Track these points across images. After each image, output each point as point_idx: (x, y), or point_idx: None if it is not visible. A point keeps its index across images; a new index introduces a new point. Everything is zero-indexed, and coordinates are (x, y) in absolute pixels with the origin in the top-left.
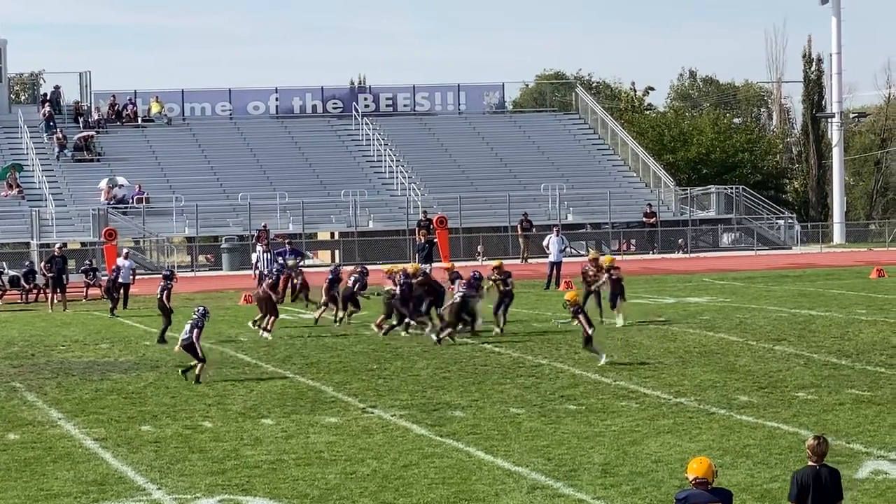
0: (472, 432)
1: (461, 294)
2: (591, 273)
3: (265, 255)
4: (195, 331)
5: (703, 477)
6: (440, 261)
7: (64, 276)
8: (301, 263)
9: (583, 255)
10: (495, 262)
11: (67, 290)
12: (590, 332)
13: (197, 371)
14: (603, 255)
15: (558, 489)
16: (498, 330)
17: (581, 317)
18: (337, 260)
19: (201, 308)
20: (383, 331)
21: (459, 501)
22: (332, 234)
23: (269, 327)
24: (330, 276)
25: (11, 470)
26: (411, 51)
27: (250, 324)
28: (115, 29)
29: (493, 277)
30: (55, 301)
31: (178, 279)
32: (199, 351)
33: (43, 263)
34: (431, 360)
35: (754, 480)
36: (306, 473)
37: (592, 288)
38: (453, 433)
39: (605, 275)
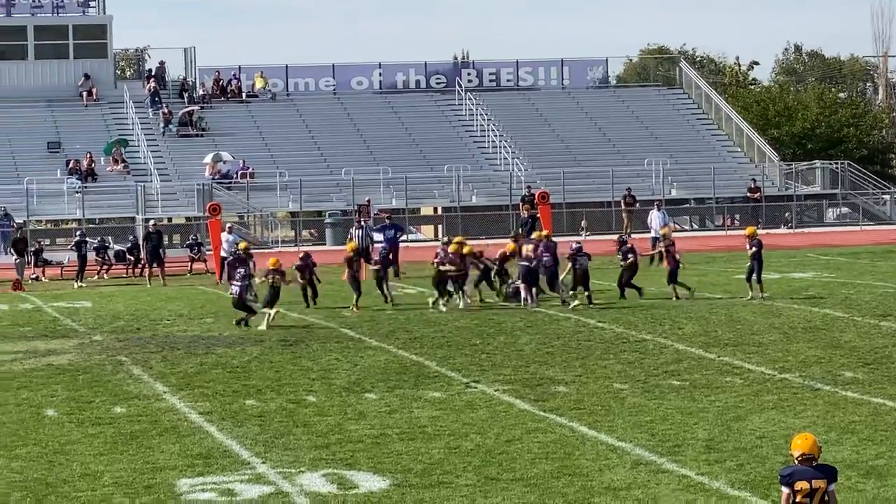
0: (575, 407)
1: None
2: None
3: (358, 231)
4: (237, 288)
5: (809, 453)
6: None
7: (161, 251)
8: (402, 239)
9: (686, 231)
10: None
11: (167, 264)
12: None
13: (249, 319)
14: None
15: (662, 465)
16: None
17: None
18: (441, 235)
19: (242, 270)
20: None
21: (563, 476)
22: (435, 210)
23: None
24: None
25: (118, 443)
26: (514, 25)
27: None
28: (219, 4)
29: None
30: (153, 276)
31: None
32: (248, 305)
33: (142, 240)
34: (535, 335)
35: (860, 457)
36: (410, 448)
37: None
38: (557, 408)
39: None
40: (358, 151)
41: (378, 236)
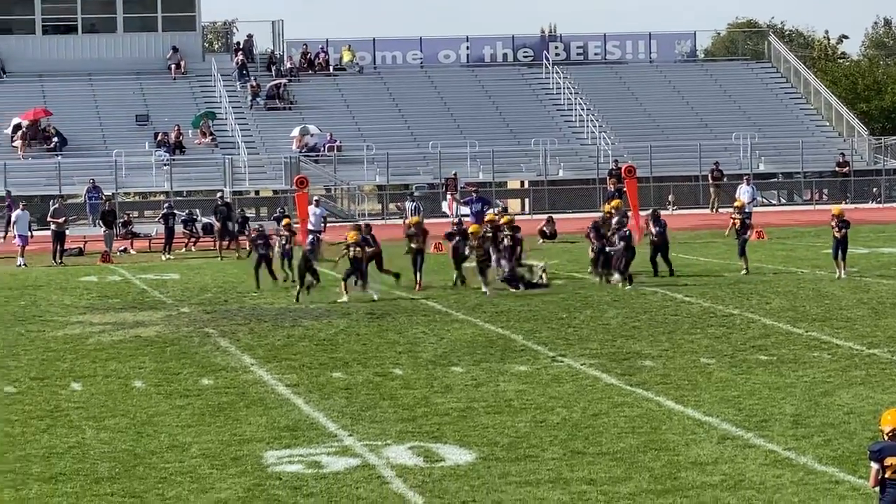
0: (661, 382)
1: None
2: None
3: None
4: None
5: None
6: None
7: (230, 224)
8: (488, 211)
9: (773, 205)
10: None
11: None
12: None
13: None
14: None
15: (749, 440)
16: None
17: None
18: (527, 209)
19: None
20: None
21: (649, 451)
22: (522, 183)
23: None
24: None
25: (206, 415)
26: None
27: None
28: None
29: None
30: (223, 249)
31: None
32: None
33: (212, 214)
34: (621, 309)
35: None
36: (496, 421)
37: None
38: (643, 382)
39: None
40: (445, 125)
41: (465, 210)
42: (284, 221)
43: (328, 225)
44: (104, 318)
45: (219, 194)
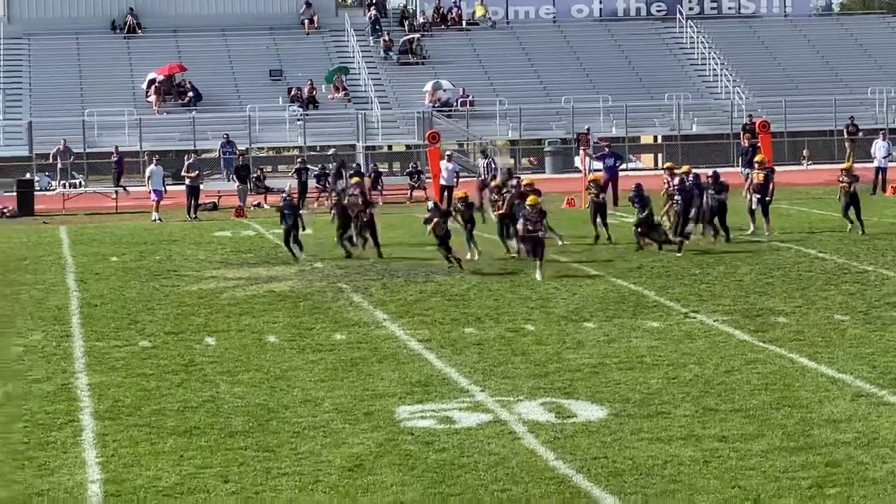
0: (795, 339)
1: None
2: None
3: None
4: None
5: None
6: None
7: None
8: (621, 167)
9: None
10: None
11: (387, 192)
12: None
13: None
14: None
15: (883, 397)
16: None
17: None
18: (660, 164)
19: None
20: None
21: (782, 408)
22: (655, 138)
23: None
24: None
25: (338, 370)
26: None
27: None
28: None
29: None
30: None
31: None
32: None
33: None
34: (754, 265)
35: None
36: (628, 377)
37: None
38: (776, 339)
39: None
40: (578, 79)
41: (598, 165)
42: (354, 179)
43: (460, 180)
44: (238, 273)
45: (298, 159)
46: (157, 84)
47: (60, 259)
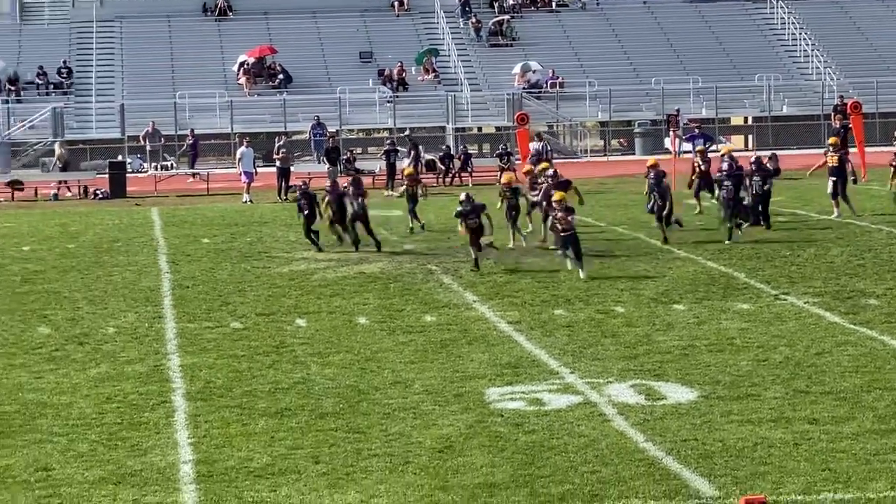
0: (886, 321)
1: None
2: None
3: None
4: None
5: None
6: (854, 147)
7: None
8: (710, 148)
9: None
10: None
11: (477, 173)
12: None
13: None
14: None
15: None
16: None
17: None
18: (750, 145)
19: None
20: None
21: (873, 390)
22: (745, 119)
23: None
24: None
25: (428, 351)
26: None
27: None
28: None
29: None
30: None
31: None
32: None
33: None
34: (846, 247)
35: None
36: (718, 360)
37: None
38: (867, 321)
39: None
40: (667, 60)
41: (687, 146)
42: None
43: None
44: (328, 255)
45: (388, 141)
46: (247, 66)
47: (152, 241)
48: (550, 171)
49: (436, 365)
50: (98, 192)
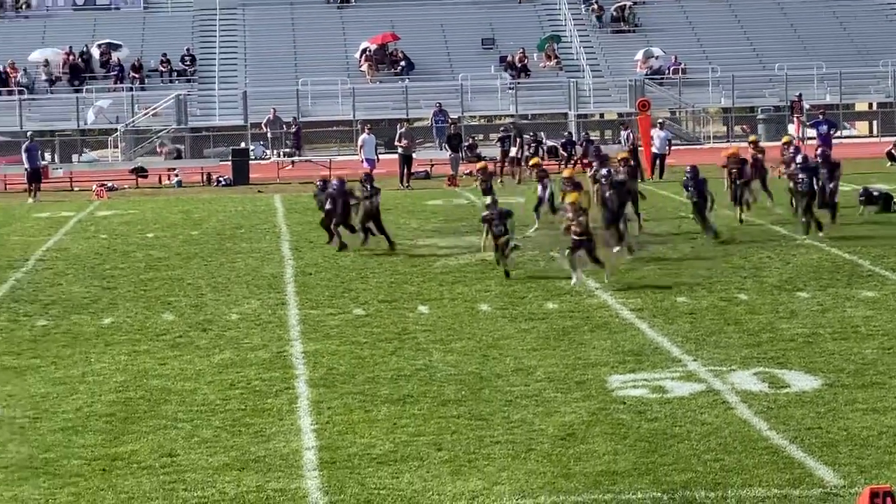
0: None
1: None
2: None
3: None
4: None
5: None
6: None
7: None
8: (835, 134)
9: None
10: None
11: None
12: None
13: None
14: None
15: None
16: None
17: None
18: (875, 131)
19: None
20: None
21: None
22: (870, 105)
23: None
24: None
25: (550, 339)
26: None
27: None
28: None
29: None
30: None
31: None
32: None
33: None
34: None
35: None
36: (842, 348)
37: None
38: None
39: None
40: (791, 46)
41: (811, 132)
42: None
43: (672, 148)
44: (450, 242)
45: (501, 128)
46: (369, 53)
47: (275, 227)
48: (605, 172)
49: (558, 352)
50: (221, 179)
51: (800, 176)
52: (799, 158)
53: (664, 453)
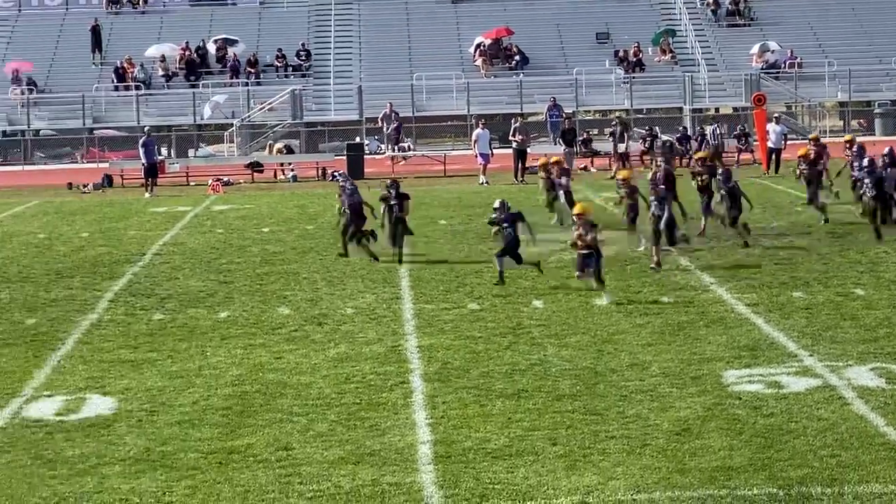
0: None
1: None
2: None
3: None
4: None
5: None
6: None
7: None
8: None
9: None
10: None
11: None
12: None
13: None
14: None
15: None
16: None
17: None
18: None
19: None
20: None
21: None
22: None
23: None
24: None
25: (665, 333)
26: None
27: None
28: None
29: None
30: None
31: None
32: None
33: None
34: None
35: None
36: None
37: None
38: None
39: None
40: None
41: None
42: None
43: (788, 142)
44: (564, 236)
45: (613, 122)
46: (484, 48)
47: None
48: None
49: (673, 347)
50: (336, 173)
51: (866, 181)
52: (865, 163)
53: (780, 449)
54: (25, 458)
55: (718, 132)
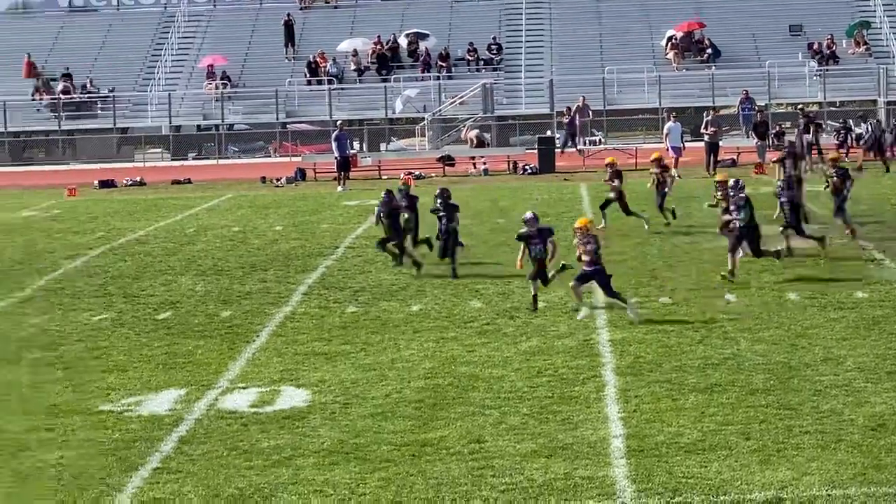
0: None
1: None
2: None
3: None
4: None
5: None
6: None
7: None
8: None
9: None
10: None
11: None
12: None
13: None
14: None
15: None
16: None
17: None
18: None
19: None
20: None
21: None
22: None
23: None
24: None
25: (860, 328)
26: None
27: None
28: None
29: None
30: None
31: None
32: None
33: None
34: None
35: None
36: None
37: None
38: None
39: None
40: None
41: None
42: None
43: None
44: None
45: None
46: (675, 41)
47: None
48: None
49: (868, 342)
50: (527, 167)
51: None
52: None
53: None
54: (221, 449)
55: (871, 129)
